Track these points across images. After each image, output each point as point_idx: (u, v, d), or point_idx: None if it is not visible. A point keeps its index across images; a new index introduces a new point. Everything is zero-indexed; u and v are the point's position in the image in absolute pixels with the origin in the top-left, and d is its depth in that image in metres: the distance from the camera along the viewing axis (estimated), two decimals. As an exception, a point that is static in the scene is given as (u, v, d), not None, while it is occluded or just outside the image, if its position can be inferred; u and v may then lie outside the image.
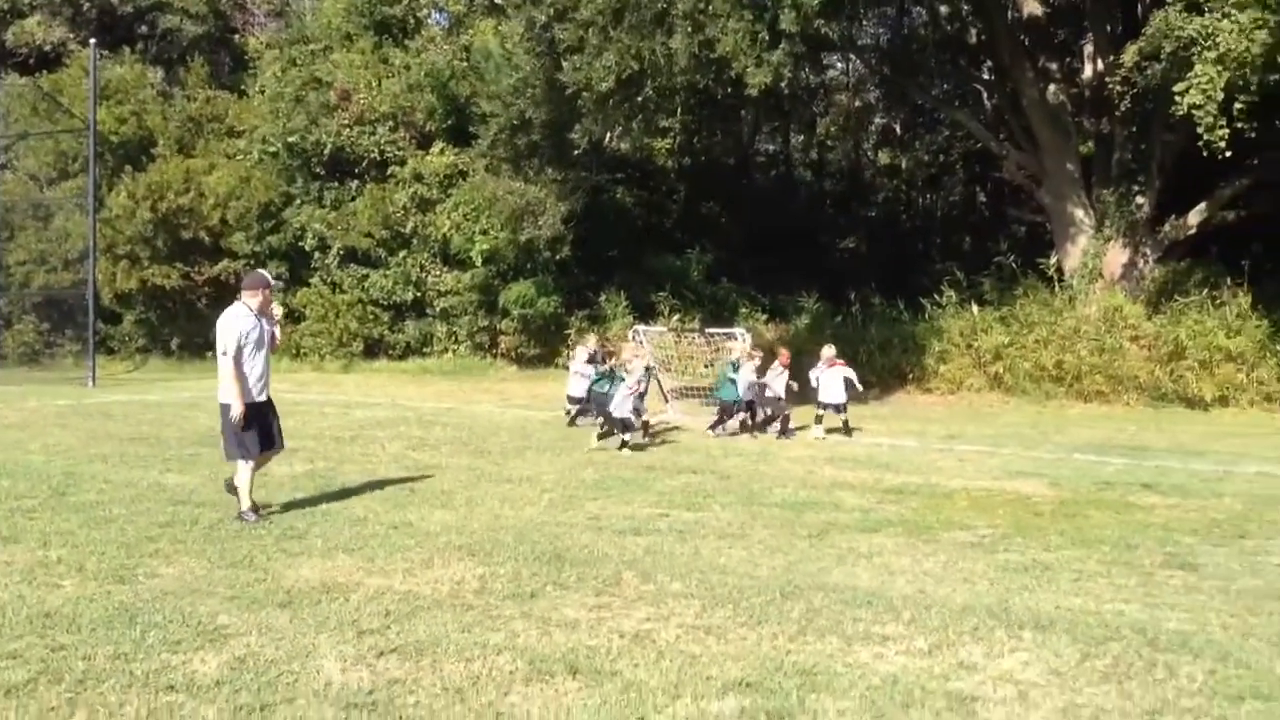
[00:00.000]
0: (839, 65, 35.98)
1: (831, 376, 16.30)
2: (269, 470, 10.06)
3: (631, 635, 5.78)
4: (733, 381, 16.16)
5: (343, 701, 4.72)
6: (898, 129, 37.09)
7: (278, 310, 9.37)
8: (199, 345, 34.10)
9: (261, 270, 10.22)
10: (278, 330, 9.32)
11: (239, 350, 8.70)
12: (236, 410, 8.66)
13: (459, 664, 5.25)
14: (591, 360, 18.03)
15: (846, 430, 16.17)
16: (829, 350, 16.86)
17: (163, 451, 13.05)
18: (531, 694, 4.87)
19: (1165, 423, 19.04)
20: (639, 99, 21.51)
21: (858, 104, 36.78)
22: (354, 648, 5.47)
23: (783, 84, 21.19)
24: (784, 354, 17.00)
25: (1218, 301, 21.77)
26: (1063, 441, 15.86)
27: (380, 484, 10.78)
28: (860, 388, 17.16)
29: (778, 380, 16.50)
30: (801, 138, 39.46)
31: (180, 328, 34.61)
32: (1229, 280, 21.96)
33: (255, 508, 8.79)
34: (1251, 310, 21.27)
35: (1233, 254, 22.49)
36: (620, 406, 14.32)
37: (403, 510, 9.35)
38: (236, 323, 8.77)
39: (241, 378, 8.71)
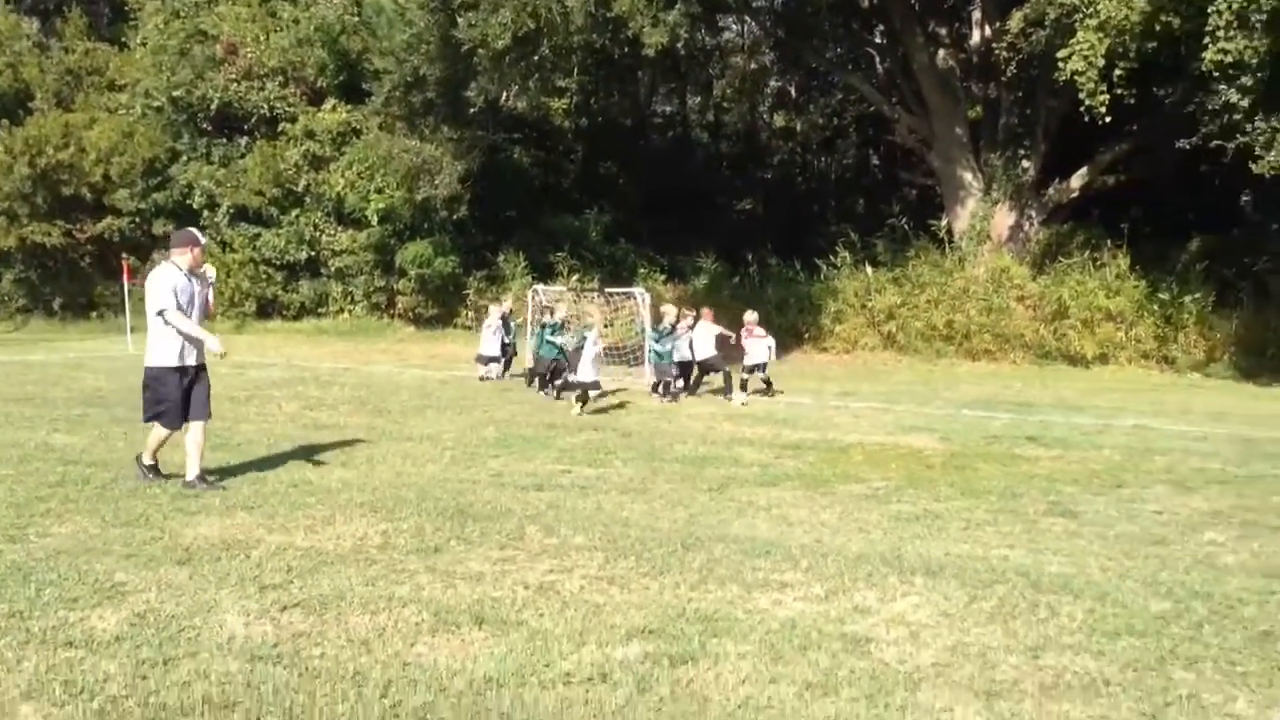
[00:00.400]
0: (735, 27, 36.05)
1: (755, 342, 16.18)
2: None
3: (536, 586, 5.85)
4: (659, 353, 15.94)
5: (247, 654, 4.72)
6: (793, 92, 37.35)
7: (210, 271, 8.75)
8: (82, 305, 33.18)
9: (190, 228, 9.59)
10: (211, 294, 8.77)
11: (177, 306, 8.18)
12: (217, 346, 8.31)
13: (364, 616, 5.27)
14: (505, 320, 18.11)
15: (768, 389, 16.21)
16: (751, 315, 16.74)
17: (49, 412, 12.69)
18: (438, 644, 4.92)
19: (1049, 379, 19.70)
20: (535, 57, 21.35)
21: (753, 66, 36.94)
22: (256, 603, 5.45)
23: (679, 45, 21.22)
24: (708, 312, 16.64)
25: (1098, 263, 22.50)
26: (952, 398, 16.31)
27: (278, 443, 10.65)
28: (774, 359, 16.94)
29: (708, 338, 16.11)
30: (698, 99, 39.52)
31: (62, 287, 33.56)
32: (1109, 242, 22.70)
33: (156, 468, 8.56)
34: (1130, 271, 22.03)
35: (1112, 217, 23.24)
36: (586, 371, 14.10)
37: (302, 468, 9.27)
38: (167, 279, 8.20)
39: (184, 325, 8.19)
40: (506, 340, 18.19)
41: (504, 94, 26.48)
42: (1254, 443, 11.83)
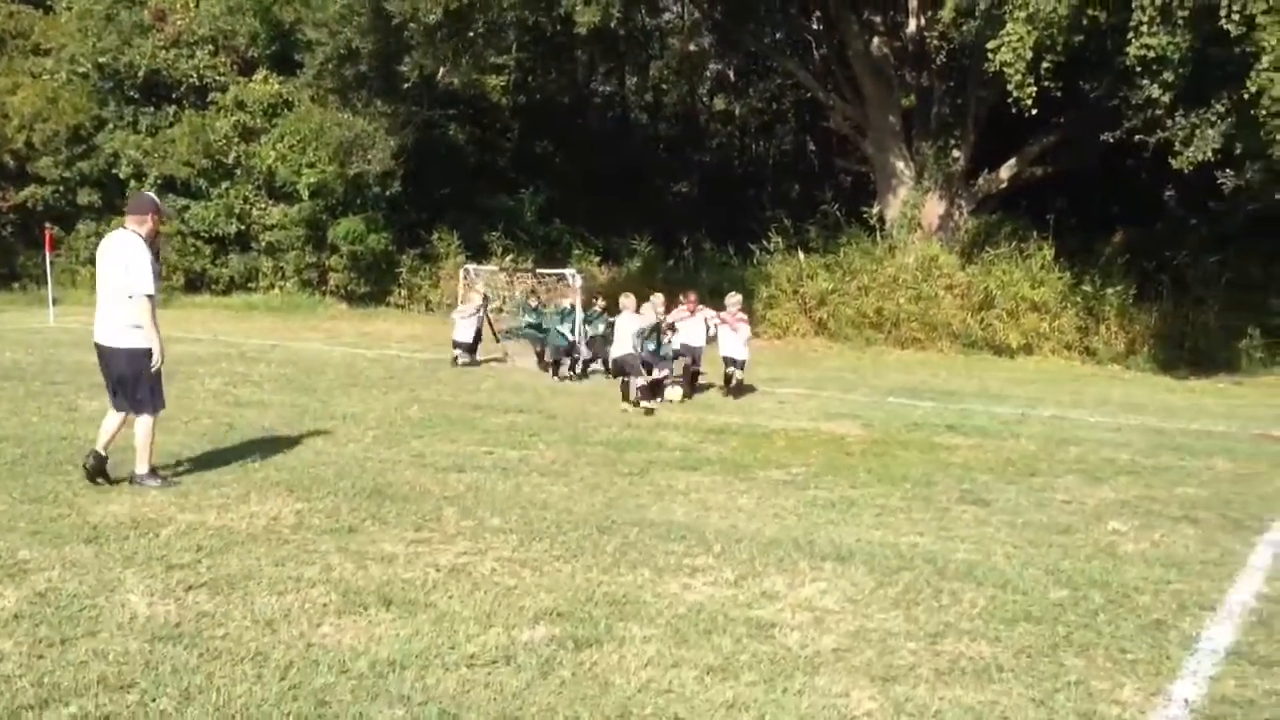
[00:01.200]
0: (675, 8, 36.01)
1: (738, 329, 14.71)
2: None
3: (448, 568, 5.86)
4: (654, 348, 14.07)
5: (148, 634, 4.68)
6: (731, 75, 37.40)
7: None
8: (3, 276, 32.35)
9: (148, 192, 8.83)
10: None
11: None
12: (159, 357, 7.48)
13: (271, 597, 5.25)
14: (482, 306, 17.76)
15: (738, 388, 14.66)
16: (734, 298, 15.06)
17: (-40, 385, 12.42)
18: (344, 625, 4.92)
19: (975, 368, 19.99)
20: (469, 34, 21.17)
21: (692, 48, 36.92)
22: (162, 582, 5.41)
23: (613, 24, 21.16)
24: (691, 298, 15.17)
25: (1024, 254, 22.83)
26: (879, 385, 16.51)
27: (197, 420, 10.52)
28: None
29: (694, 328, 14.76)
30: (635, 80, 39.44)
31: (-19, 257, 32.73)
32: (1035, 233, 23.04)
33: (104, 459, 7.58)
34: (1054, 263, 22.36)
35: (1040, 208, 23.60)
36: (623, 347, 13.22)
37: (220, 446, 9.18)
38: (145, 254, 7.38)
39: (152, 318, 7.48)
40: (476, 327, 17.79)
41: (439, 70, 26.22)
42: (1165, 434, 12.13)
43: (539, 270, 21.42)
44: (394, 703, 4.12)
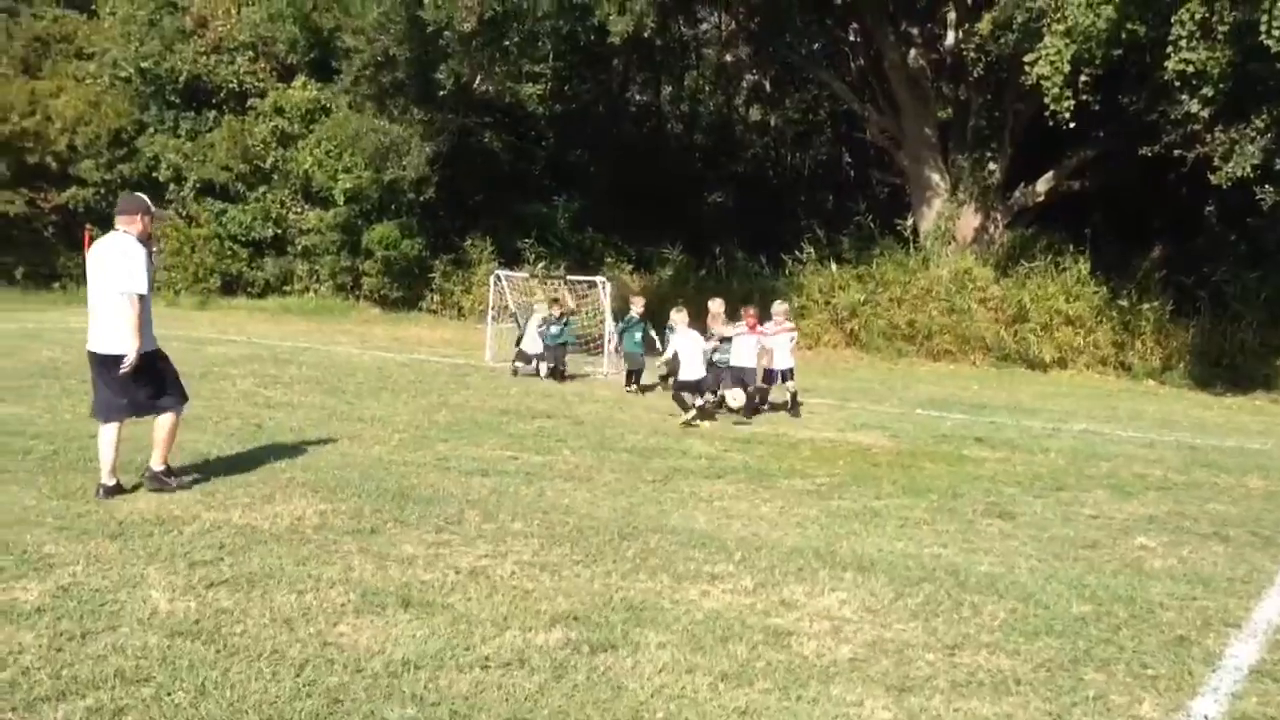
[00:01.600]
0: (711, 19, 36.00)
1: (780, 340, 13.96)
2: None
3: (468, 571, 5.88)
4: (714, 361, 13.49)
5: (167, 629, 4.73)
6: (767, 86, 37.34)
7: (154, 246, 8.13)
8: (44, 275, 32.79)
9: (138, 193, 8.54)
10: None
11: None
12: (133, 358, 7.12)
13: (290, 595, 5.28)
14: (545, 322, 17.69)
15: (794, 405, 13.74)
16: (781, 306, 14.56)
17: (-3, 382, 12.58)
18: (361, 625, 4.94)
19: (1006, 382, 19.83)
20: (504, 42, 21.28)
21: (728, 58, 36.89)
22: (184, 578, 5.46)
23: (647, 34, 21.21)
24: (752, 314, 14.06)
25: (1060, 268, 22.64)
26: (909, 397, 16.41)
27: (226, 420, 10.61)
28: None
29: (748, 348, 13.67)
30: (670, 89, 39.45)
31: (24, 256, 33.13)
32: (1071, 247, 22.84)
33: (117, 485, 7.31)
34: (1090, 277, 22.16)
35: (1075, 222, 23.39)
36: (695, 368, 12.75)
37: (247, 446, 9.25)
38: (141, 256, 7.24)
39: (147, 323, 7.30)
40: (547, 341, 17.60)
41: (475, 77, 26.34)
42: (1198, 450, 11.99)
43: (568, 278, 21.45)
44: (406, 702, 4.14)
